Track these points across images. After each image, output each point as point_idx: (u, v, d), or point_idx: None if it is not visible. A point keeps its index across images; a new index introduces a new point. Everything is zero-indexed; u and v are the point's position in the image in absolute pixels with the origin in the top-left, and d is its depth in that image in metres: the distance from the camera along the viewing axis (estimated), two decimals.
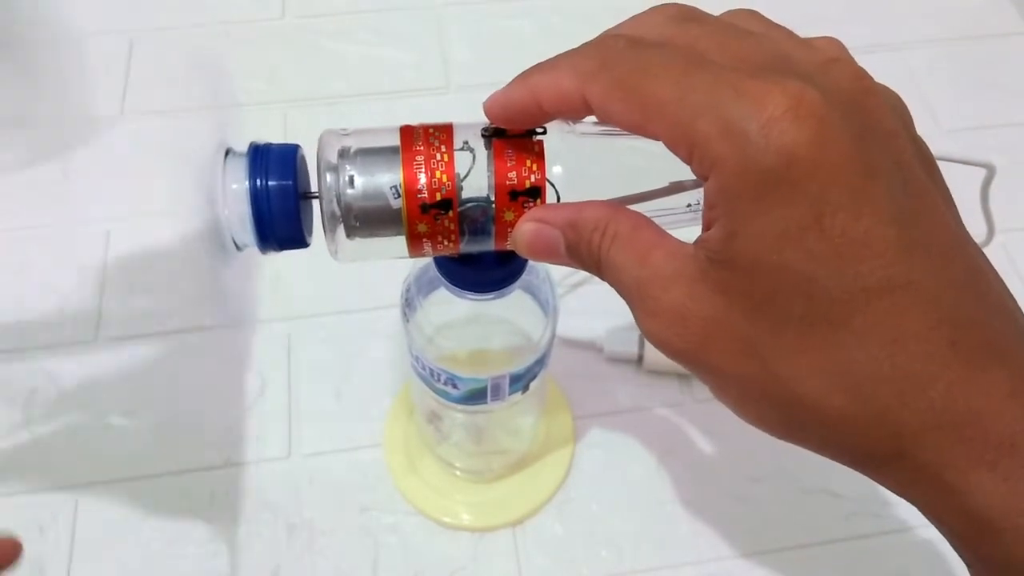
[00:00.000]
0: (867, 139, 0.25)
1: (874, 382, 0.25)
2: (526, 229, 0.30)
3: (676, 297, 0.26)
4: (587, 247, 0.29)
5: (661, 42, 0.27)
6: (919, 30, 0.75)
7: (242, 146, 0.33)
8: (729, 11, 0.29)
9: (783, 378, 0.26)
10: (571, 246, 0.29)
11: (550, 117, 0.29)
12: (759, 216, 0.24)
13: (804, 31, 0.29)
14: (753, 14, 0.29)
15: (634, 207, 0.30)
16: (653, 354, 0.56)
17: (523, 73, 0.29)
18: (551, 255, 0.30)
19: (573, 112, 0.28)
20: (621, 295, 0.29)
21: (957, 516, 0.26)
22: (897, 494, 0.27)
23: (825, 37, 0.28)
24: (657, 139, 0.26)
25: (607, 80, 0.26)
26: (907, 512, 0.52)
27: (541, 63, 0.29)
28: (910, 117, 0.28)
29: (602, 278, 0.29)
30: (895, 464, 0.26)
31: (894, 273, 0.24)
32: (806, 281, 0.24)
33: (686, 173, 0.30)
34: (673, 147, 0.26)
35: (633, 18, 0.29)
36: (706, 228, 0.26)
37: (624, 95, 0.26)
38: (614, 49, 0.27)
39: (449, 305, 0.39)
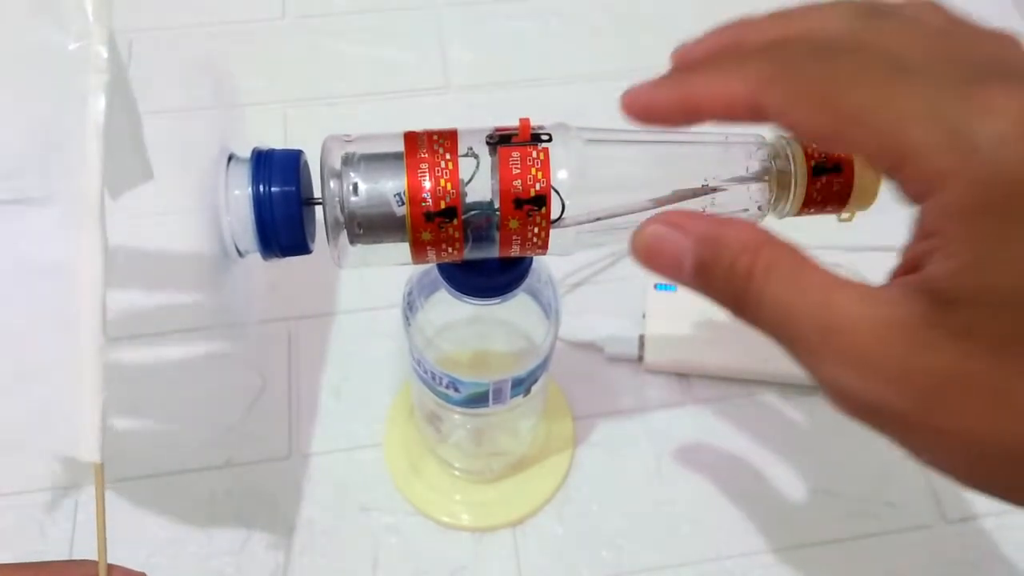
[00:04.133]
0: None
1: None
2: (651, 232, 0.26)
3: (891, 350, 0.22)
4: (728, 271, 0.25)
5: (850, 45, 0.24)
6: None
7: (245, 151, 0.33)
8: (910, 3, 0.26)
9: None
10: (704, 264, 0.25)
11: (703, 121, 0.26)
12: (1010, 239, 0.21)
13: None
14: (937, 8, 0.26)
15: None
16: (653, 354, 0.56)
17: (673, 73, 0.26)
18: (671, 270, 0.26)
19: (733, 119, 0.25)
20: (782, 340, 0.24)
21: None
22: None
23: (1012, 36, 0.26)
24: (852, 151, 0.23)
25: (790, 86, 0.23)
26: (907, 512, 0.53)
27: (688, 63, 0.26)
28: None
29: (740, 314, 0.25)
30: None
31: None
32: None
33: (692, 180, 0.30)
34: (875, 158, 0.23)
35: (809, 9, 0.26)
36: (914, 263, 0.23)
37: (813, 102, 0.23)
38: (796, 53, 0.24)
39: (451, 306, 0.39)
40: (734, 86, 0.24)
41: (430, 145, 0.30)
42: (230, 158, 0.32)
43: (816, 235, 0.58)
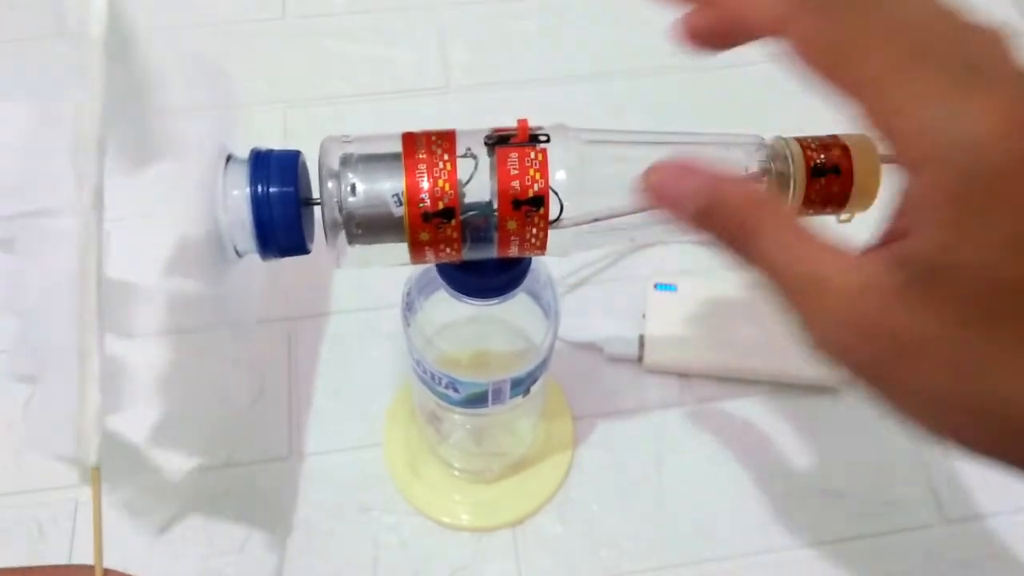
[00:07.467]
0: None
1: None
2: (665, 169, 0.28)
3: (868, 309, 0.25)
4: (733, 214, 0.27)
5: (877, 3, 0.25)
6: None
7: (243, 151, 0.33)
8: None
9: (1009, 396, 0.24)
10: (710, 206, 0.27)
11: (733, 35, 0.28)
12: (989, 223, 0.23)
13: None
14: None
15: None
16: (653, 354, 0.56)
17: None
18: (674, 206, 0.28)
19: (751, 36, 0.27)
20: (774, 289, 0.27)
21: None
22: None
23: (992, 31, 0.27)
24: (851, 103, 0.25)
25: (818, 33, 0.25)
26: (907, 512, 0.52)
27: None
28: None
29: (739, 255, 0.27)
30: None
31: None
32: None
33: None
34: (875, 124, 0.24)
35: None
36: (897, 234, 0.25)
37: (833, 59, 0.25)
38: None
39: (450, 306, 0.39)
40: (768, 7, 0.26)
41: (428, 146, 0.30)
42: (228, 158, 0.32)
43: None
